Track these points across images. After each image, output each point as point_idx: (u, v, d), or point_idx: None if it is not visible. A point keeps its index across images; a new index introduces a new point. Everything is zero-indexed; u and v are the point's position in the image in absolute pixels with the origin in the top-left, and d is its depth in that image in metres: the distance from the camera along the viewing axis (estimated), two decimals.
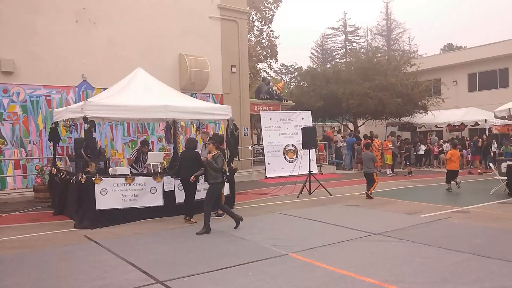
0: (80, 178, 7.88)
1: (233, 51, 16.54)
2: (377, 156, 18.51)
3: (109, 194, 7.93)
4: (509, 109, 11.12)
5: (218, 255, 5.72)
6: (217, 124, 16.07)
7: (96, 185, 7.79)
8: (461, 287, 4.29)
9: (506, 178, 11.25)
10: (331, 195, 11.18)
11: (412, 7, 76.01)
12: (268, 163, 15.96)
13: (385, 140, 18.91)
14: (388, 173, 17.48)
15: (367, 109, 21.09)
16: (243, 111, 16.87)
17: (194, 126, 15.41)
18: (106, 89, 10.61)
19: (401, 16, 73.32)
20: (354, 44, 52.60)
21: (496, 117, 12.25)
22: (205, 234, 6.95)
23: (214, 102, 15.63)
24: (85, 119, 8.02)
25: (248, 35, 28.38)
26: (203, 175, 7.68)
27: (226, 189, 9.13)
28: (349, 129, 25.59)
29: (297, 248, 5.92)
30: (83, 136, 9.93)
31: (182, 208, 8.39)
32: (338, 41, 54.39)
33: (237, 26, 16.69)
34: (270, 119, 16.51)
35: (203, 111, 9.83)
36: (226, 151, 10.64)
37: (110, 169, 9.75)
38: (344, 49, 52.25)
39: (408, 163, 18.39)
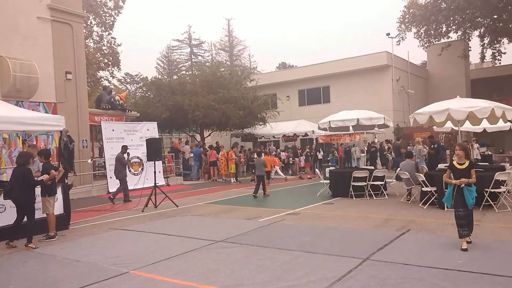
0: None
1: (68, 57, 15.15)
2: (221, 166, 19.33)
3: None
4: (329, 121, 12.86)
5: (47, 283, 5.07)
6: (50, 136, 14.41)
7: None
8: (291, 283, 4.72)
9: (329, 181, 12.98)
10: (177, 207, 11.10)
11: (252, 26, 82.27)
12: (111, 177, 14.97)
13: (229, 150, 19.79)
14: (232, 181, 18.30)
15: (213, 121, 21.79)
16: (81, 121, 15.54)
17: (21, 139, 13.53)
18: None
19: (242, 34, 78.59)
20: (199, 57, 54.01)
21: (319, 128, 14.04)
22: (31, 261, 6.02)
23: (46, 112, 14.00)
24: None
25: (87, 41, 26.42)
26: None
27: (59, 208, 8.23)
28: (196, 140, 26.01)
29: (139, 264, 5.67)
30: None
31: (5, 232, 7.25)
32: (184, 53, 55.15)
33: (72, 30, 15.36)
34: (113, 130, 15.59)
35: (30, 121, 8.72)
36: (59, 165, 9.65)
37: None
38: (190, 62, 53.13)
39: (253, 172, 19.60)
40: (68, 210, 8.80)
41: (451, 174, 6.09)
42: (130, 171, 15.58)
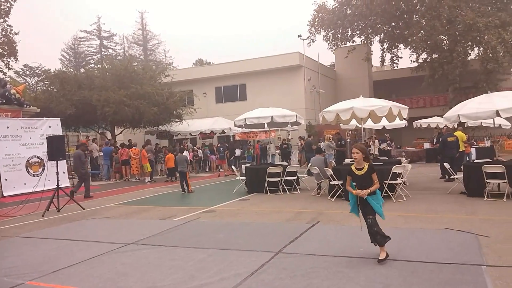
0: None
1: None
2: (133, 164, 18.57)
3: None
4: (245, 119, 13.03)
5: None
6: None
7: None
8: (205, 281, 4.66)
9: (245, 178, 13.14)
10: (84, 209, 10.38)
11: (167, 21, 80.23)
12: (5, 179, 13.54)
13: (142, 149, 19.05)
14: (146, 181, 17.66)
15: (124, 117, 20.80)
16: None
17: None
18: None
19: (156, 28, 76.17)
20: (110, 51, 51.30)
21: (235, 125, 14.15)
22: None
23: None
24: None
25: None
26: None
27: None
28: (107, 138, 24.62)
29: (37, 274, 5.17)
30: None
31: None
32: (93, 45, 51.97)
33: None
34: (7, 127, 14.07)
35: None
36: None
37: None
38: (99, 55, 50.18)
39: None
40: None
41: (352, 181, 5.27)
42: (28, 172, 14.23)
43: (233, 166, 16.22)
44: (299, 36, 30.90)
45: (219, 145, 24.57)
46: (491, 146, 19.05)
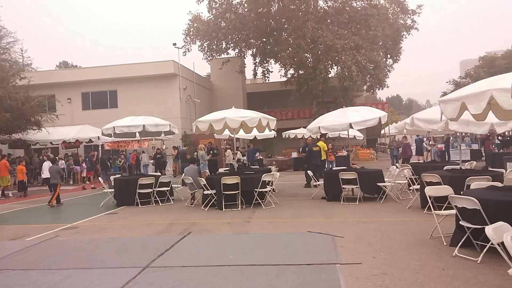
0: None
1: None
2: None
3: None
4: (114, 127, 12.26)
5: None
6: None
7: None
8: None
9: (113, 190, 12.33)
10: None
11: (25, 17, 71.89)
12: None
13: (2, 159, 16.47)
14: None
15: None
16: None
17: None
18: None
19: (12, 25, 67.61)
20: None
21: (103, 134, 13.23)
22: None
23: None
24: None
25: None
26: None
27: None
28: None
29: None
30: None
31: None
32: None
33: None
34: None
35: None
36: None
37: None
38: None
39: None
40: None
41: None
42: None
43: (100, 178, 15.12)
44: (174, 44, 30.64)
45: (85, 155, 22.77)
46: (347, 155, 21.42)
